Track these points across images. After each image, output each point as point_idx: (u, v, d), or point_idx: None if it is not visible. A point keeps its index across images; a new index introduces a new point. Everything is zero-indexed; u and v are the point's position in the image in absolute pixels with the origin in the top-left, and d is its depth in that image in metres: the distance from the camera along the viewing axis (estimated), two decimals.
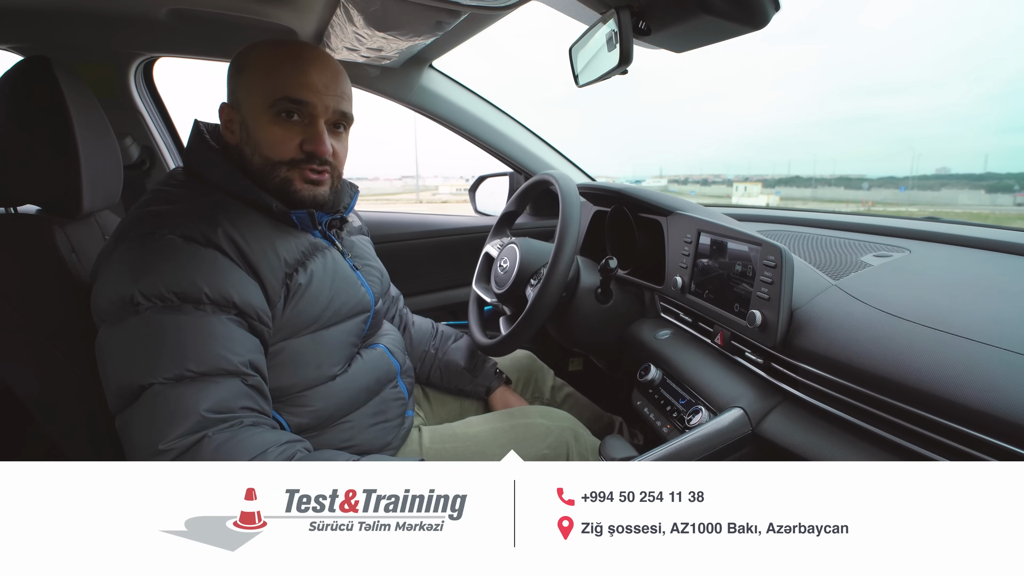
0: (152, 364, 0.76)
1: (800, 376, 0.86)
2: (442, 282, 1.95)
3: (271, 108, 0.89)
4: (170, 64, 1.72)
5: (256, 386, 0.82)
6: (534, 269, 1.33)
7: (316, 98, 0.90)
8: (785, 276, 0.88)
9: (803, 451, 0.80)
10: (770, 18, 0.84)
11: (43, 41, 1.45)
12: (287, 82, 0.89)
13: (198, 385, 0.76)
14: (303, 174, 0.92)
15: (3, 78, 0.89)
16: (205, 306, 0.80)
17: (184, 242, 0.82)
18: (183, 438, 0.73)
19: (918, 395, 0.68)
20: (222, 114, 0.94)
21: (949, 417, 0.65)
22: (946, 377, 0.67)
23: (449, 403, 1.37)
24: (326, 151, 0.91)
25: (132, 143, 1.65)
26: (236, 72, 0.92)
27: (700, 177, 58.60)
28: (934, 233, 1.18)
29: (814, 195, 59.41)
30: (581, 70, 1.12)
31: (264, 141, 0.90)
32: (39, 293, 0.88)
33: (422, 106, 1.80)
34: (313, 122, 0.91)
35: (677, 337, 1.22)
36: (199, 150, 0.94)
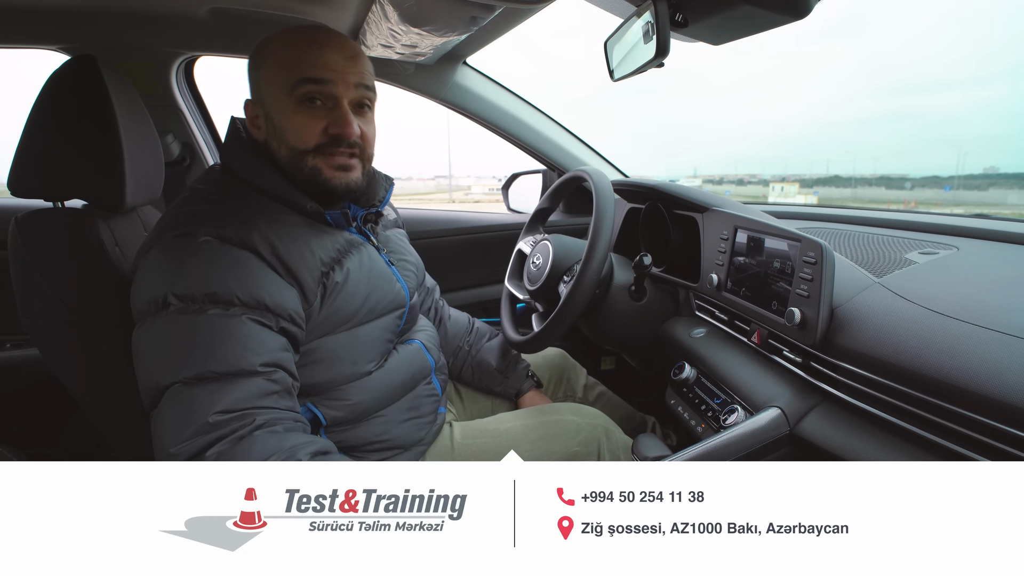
0: (174, 364, 0.76)
1: (841, 376, 0.83)
2: (474, 278, 1.95)
3: (292, 94, 0.88)
4: (210, 63, 1.76)
5: (279, 382, 0.81)
6: (567, 266, 1.32)
7: (336, 75, 0.89)
8: (826, 273, 0.86)
9: (843, 452, 0.78)
10: (812, 7, 0.81)
11: (89, 41, 1.49)
12: (304, 63, 0.88)
13: (215, 386, 0.75)
14: (331, 161, 0.91)
15: (52, 77, 0.91)
16: (233, 308, 0.80)
17: (219, 244, 0.82)
18: (191, 441, 0.72)
19: (967, 396, 0.65)
20: (247, 111, 0.95)
21: (1000, 419, 0.62)
22: (998, 378, 0.64)
23: (480, 400, 1.37)
24: (353, 132, 0.90)
25: (173, 140, 1.68)
26: (255, 66, 0.92)
27: (735, 176, 57.62)
28: (983, 230, 1.14)
29: (854, 195, 57.99)
30: (616, 64, 1.11)
31: (288, 130, 0.90)
32: (85, 285, 0.91)
33: (455, 103, 1.80)
34: (337, 104, 0.90)
35: (712, 335, 1.20)
36: (235, 149, 0.95)
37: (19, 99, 1.04)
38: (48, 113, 0.91)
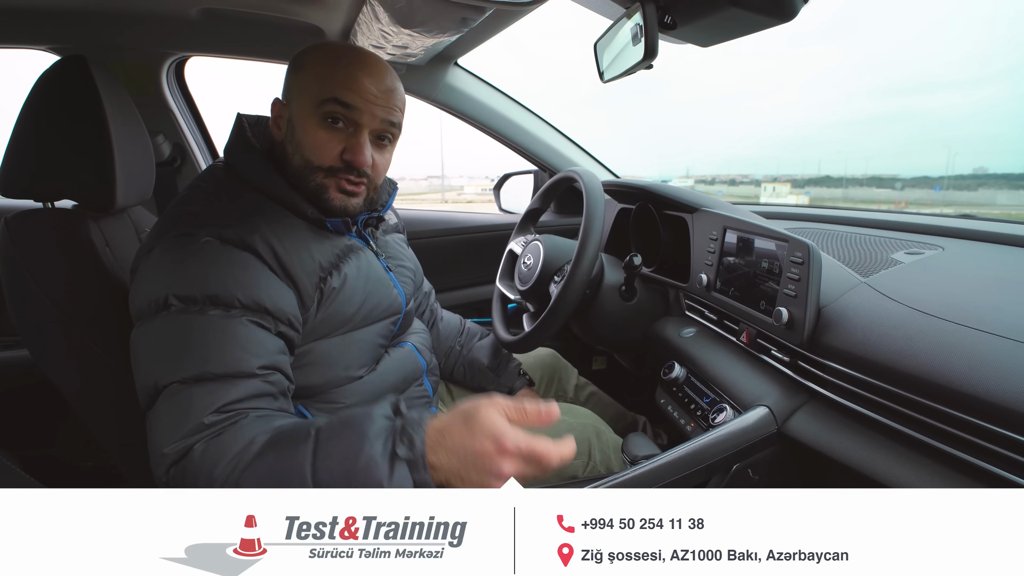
0: (172, 364, 0.76)
1: (827, 375, 0.84)
2: (466, 279, 1.95)
3: (318, 109, 0.88)
4: (201, 63, 1.75)
5: (275, 384, 0.81)
6: (558, 266, 1.33)
7: (364, 104, 0.89)
8: (813, 273, 0.87)
9: (830, 450, 0.79)
10: (798, 10, 0.82)
11: (79, 41, 1.49)
12: (337, 83, 0.88)
13: (213, 386, 0.75)
14: (339, 183, 0.91)
15: (42, 77, 0.91)
16: (234, 310, 0.80)
17: (221, 245, 0.82)
18: (184, 441, 0.72)
19: (952, 394, 0.67)
20: (274, 109, 0.94)
21: (984, 417, 0.63)
22: (982, 377, 0.65)
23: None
24: (364, 162, 0.90)
25: (164, 141, 1.68)
26: (294, 69, 0.92)
27: (728, 177, 57.73)
28: (968, 230, 1.15)
29: (845, 195, 58.21)
30: (606, 66, 1.12)
31: (307, 143, 0.90)
32: (75, 286, 0.90)
33: (447, 104, 1.81)
34: (357, 131, 0.90)
35: (702, 335, 1.21)
36: (240, 147, 0.94)
37: (11, 98, 1.03)
38: (38, 113, 0.90)
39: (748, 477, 0.88)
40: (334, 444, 0.70)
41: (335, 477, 0.68)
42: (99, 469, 1.66)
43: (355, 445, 0.69)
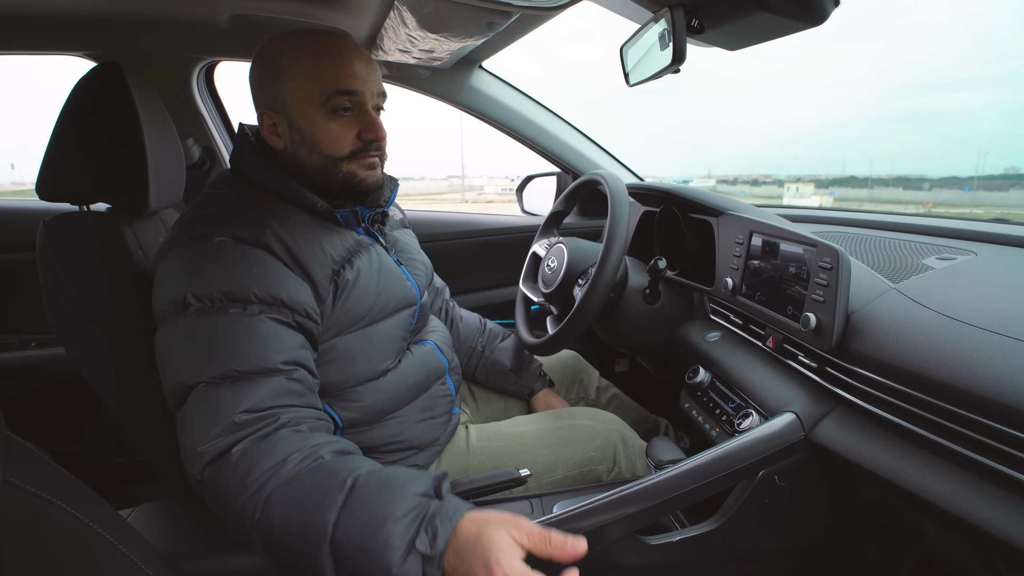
0: (197, 365, 0.78)
1: (856, 381, 0.83)
2: (488, 281, 1.96)
3: (324, 105, 0.91)
4: (229, 68, 1.78)
5: (301, 380, 0.83)
6: (582, 269, 1.33)
7: (363, 86, 0.93)
8: (841, 278, 0.86)
9: (859, 459, 0.78)
10: (829, 13, 0.81)
11: (114, 47, 1.52)
12: (336, 76, 0.91)
13: (239, 385, 0.77)
14: (363, 162, 0.96)
15: (78, 84, 0.93)
16: (252, 306, 0.82)
17: (234, 243, 0.85)
18: (217, 440, 0.74)
19: (985, 404, 0.65)
20: (263, 120, 0.95)
21: (1018, 427, 0.62)
22: (1018, 386, 0.64)
23: (494, 401, 1.38)
24: (384, 134, 0.96)
25: (194, 144, 1.71)
26: (273, 76, 0.93)
27: (750, 177, 57.15)
28: (1002, 235, 1.13)
29: (870, 196, 57.28)
30: (632, 69, 1.12)
31: (323, 139, 0.93)
32: (110, 287, 0.93)
33: (471, 106, 1.82)
34: (363, 110, 0.94)
35: (727, 339, 1.20)
36: (244, 153, 0.97)
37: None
38: (75, 119, 0.93)
39: (775, 484, 0.87)
40: (362, 507, 0.69)
41: (351, 541, 0.67)
42: (130, 468, 1.70)
43: (379, 517, 0.67)
